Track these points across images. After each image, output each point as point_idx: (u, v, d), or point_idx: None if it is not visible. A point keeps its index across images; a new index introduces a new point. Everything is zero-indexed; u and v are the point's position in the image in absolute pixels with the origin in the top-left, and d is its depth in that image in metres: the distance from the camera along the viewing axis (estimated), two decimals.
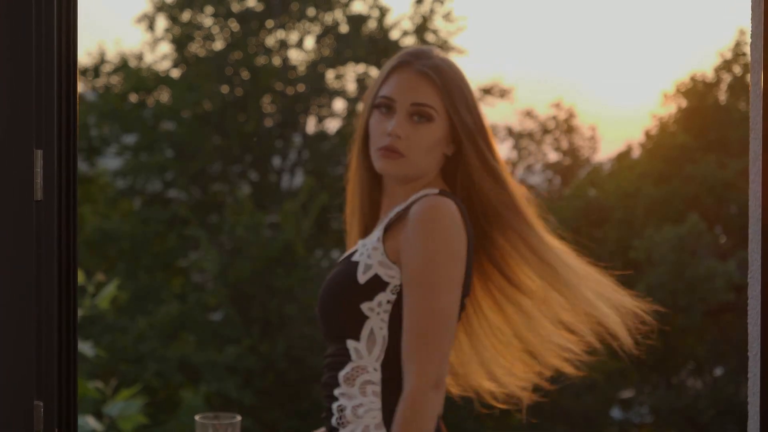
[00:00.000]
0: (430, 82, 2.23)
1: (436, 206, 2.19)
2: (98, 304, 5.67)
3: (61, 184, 1.93)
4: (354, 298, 2.22)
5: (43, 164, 1.90)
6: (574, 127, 24.10)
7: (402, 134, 2.22)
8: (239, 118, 20.61)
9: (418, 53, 2.27)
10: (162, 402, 17.66)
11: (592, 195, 20.93)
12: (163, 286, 19.19)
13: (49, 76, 1.89)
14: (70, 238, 1.91)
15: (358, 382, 2.23)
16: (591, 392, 19.39)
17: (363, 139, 2.30)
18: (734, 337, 19.11)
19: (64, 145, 1.91)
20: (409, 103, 2.23)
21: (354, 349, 2.25)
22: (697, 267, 17.94)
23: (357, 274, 2.22)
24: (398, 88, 2.24)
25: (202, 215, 20.16)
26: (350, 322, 2.23)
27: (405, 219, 2.23)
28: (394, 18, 21.32)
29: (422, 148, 2.25)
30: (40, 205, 1.91)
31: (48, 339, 1.82)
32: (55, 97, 1.90)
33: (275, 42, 21.00)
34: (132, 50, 21.81)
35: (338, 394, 2.25)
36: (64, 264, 1.92)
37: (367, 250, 2.25)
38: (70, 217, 1.90)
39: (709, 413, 18.66)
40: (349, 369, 2.25)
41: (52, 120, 1.89)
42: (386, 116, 2.25)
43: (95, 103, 20.70)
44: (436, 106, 2.23)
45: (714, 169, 19.20)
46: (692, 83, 20.76)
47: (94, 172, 21.12)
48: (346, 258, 2.30)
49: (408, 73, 2.25)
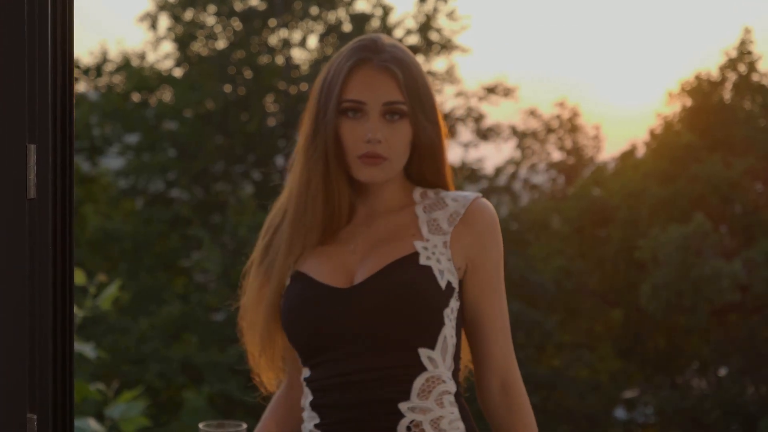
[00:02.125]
0: (394, 78, 2.16)
1: (494, 212, 2.24)
2: (100, 305, 5.63)
3: (56, 181, 1.80)
4: (437, 305, 2.12)
5: (36, 160, 1.79)
6: (578, 127, 24.11)
7: (381, 138, 2.15)
8: (242, 118, 20.64)
9: (373, 47, 2.19)
10: (164, 403, 17.65)
11: (597, 194, 20.90)
12: (166, 286, 19.22)
13: (43, 66, 1.77)
14: (66, 239, 1.78)
15: (435, 393, 2.13)
16: (595, 392, 19.41)
17: (335, 147, 2.17)
18: (739, 337, 19.09)
19: (59, 139, 1.78)
20: (381, 103, 2.16)
21: (428, 358, 2.13)
22: (703, 267, 17.90)
23: (438, 280, 2.14)
24: (366, 89, 2.16)
25: (205, 215, 20.20)
26: (429, 330, 2.13)
27: (464, 223, 2.21)
28: (397, 17, 21.39)
29: (402, 146, 2.18)
30: (34, 203, 1.79)
31: (42, 347, 1.70)
32: (49, 87, 1.78)
33: (278, 41, 21.03)
34: (134, 49, 21.91)
35: (406, 410, 2.12)
36: (60, 267, 1.79)
37: (435, 254, 2.17)
38: (66, 216, 1.77)
39: (715, 414, 18.63)
40: (423, 380, 2.12)
41: (47, 112, 1.76)
42: (358, 121, 2.16)
43: (97, 102, 20.75)
44: (404, 100, 2.16)
45: (719, 169, 19.17)
46: (697, 82, 20.73)
47: (96, 171, 21.16)
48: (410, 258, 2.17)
49: (371, 70, 2.17)
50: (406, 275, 2.13)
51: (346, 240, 2.22)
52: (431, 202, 2.25)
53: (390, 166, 2.18)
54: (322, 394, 2.15)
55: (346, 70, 2.18)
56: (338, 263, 2.18)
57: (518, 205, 22.89)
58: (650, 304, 18.38)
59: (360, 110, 2.16)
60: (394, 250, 2.17)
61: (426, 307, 2.11)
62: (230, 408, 17.28)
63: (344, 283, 2.16)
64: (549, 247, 20.47)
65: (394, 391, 2.11)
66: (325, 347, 2.13)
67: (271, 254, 2.25)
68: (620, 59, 32.69)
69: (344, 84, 2.17)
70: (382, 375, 2.12)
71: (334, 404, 2.14)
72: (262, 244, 2.29)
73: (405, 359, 2.12)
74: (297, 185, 2.23)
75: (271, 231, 2.29)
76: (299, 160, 2.23)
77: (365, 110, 2.16)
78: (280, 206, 2.31)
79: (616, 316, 20.54)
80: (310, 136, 2.21)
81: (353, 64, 2.18)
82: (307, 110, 2.25)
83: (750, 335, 18.99)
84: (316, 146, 2.19)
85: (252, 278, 2.27)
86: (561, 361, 20.07)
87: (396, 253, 2.17)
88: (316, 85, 2.23)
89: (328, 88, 2.19)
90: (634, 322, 20.22)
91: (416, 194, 2.25)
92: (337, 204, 2.20)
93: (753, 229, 19.19)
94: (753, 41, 20.66)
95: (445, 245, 2.18)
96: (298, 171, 2.23)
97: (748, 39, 20.67)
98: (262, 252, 2.27)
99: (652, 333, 20.23)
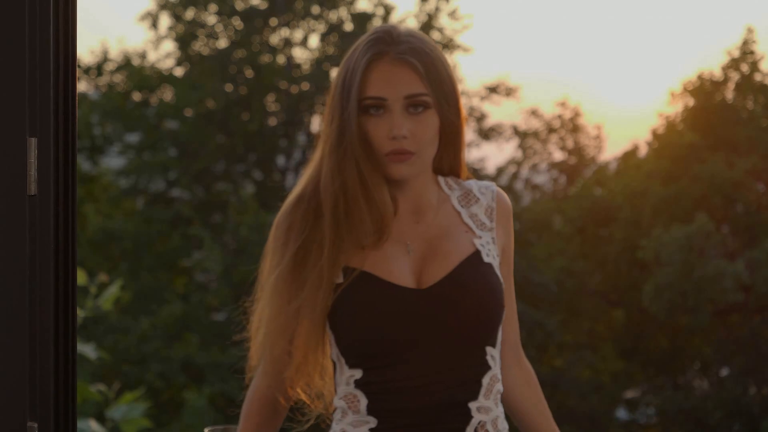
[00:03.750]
0: (413, 69, 2.11)
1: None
2: (101, 305, 5.63)
3: (58, 177, 1.71)
4: (502, 302, 2.16)
5: (37, 154, 1.70)
6: (580, 126, 24.07)
7: (407, 133, 2.11)
8: (243, 117, 20.65)
9: (389, 39, 2.13)
10: (165, 403, 17.64)
11: (598, 194, 20.87)
12: (167, 286, 19.25)
13: (45, 56, 1.69)
14: (69, 237, 1.68)
15: (494, 392, 2.14)
16: (597, 392, 19.40)
17: (363, 148, 2.12)
18: (741, 338, 19.07)
19: (61, 132, 1.68)
20: (402, 97, 2.11)
21: (491, 356, 2.14)
22: (705, 267, 17.86)
23: (499, 277, 2.17)
24: (386, 84, 2.11)
25: (206, 215, 20.22)
26: (496, 328, 2.15)
27: (498, 216, 2.25)
28: (399, 16, 21.36)
29: (428, 138, 2.14)
30: (35, 200, 1.70)
31: (43, 354, 1.61)
32: (51, 79, 1.69)
33: (279, 40, 21.03)
34: (135, 48, 21.93)
35: (475, 410, 2.11)
36: (62, 267, 1.71)
37: (491, 251, 2.20)
38: (68, 213, 1.68)
39: (717, 414, 18.61)
40: (488, 379, 2.13)
41: (48, 104, 1.67)
42: (381, 117, 2.11)
43: (98, 101, 20.78)
44: (427, 91, 2.12)
45: (722, 169, 19.13)
46: (699, 82, 20.68)
47: (97, 171, 21.19)
48: (475, 257, 2.17)
49: (389, 64, 2.11)
50: (479, 275, 2.13)
51: (397, 238, 2.17)
52: (461, 194, 2.26)
53: (419, 161, 2.14)
54: (382, 397, 2.09)
55: (363, 66, 2.12)
56: (400, 263, 2.14)
57: (520, 205, 22.84)
58: (653, 304, 18.34)
59: (382, 106, 2.11)
60: (457, 249, 2.16)
61: (497, 305, 2.13)
62: (231, 408, 17.25)
63: (412, 283, 2.12)
64: (551, 247, 20.43)
65: (466, 391, 2.10)
66: (390, 348, 2.08)
67: (310, 259, 2.14)
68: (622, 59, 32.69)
69: (363, 81, 2.11)
70: (454, 376, 2.10)
71: (398, 408, 2.09)
72: (293, 249, 2.15)
73: (474, 359, 2.12)
74: (332, 189, 2.14)
75: (300, 235, 2.16)
76: (329, 164, 2.15)
77: (387, 106, 2.11)
78: (301, 213, 2.17)
79: (617, 317, 20.51)
80: (335, 138, 2.14)
81: (370, 59, 2.12)
82: (327, 109, 2.18)
83: (752, 335, 18.97)
84: (345, 149, 2.13)
85: (283, 285, 2.14)
86: (563, 361, 20.05)
87: (460, 252, 2.16)
88: (335, 83, 2.16)
89: (347, 85, 2.13)
90: (636, 323, 20.20)
91: (443, 184, 2.25)
92: (380, 202, 2.14)
93: (756, 229, 19.16)
94: (756, 41, 20.61)
95: (493, 241, 2.21)
96: (329, 175, 2.14)
97: (750, 38, 20.62)
98: (294, 256, 2.14)
99: (654, 333, 20.21)
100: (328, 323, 2.12)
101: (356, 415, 2.12)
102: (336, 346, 2.13)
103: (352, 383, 2.12)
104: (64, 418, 1.65)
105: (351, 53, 2.16)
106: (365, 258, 2.12)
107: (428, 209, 2.20)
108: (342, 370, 2.13)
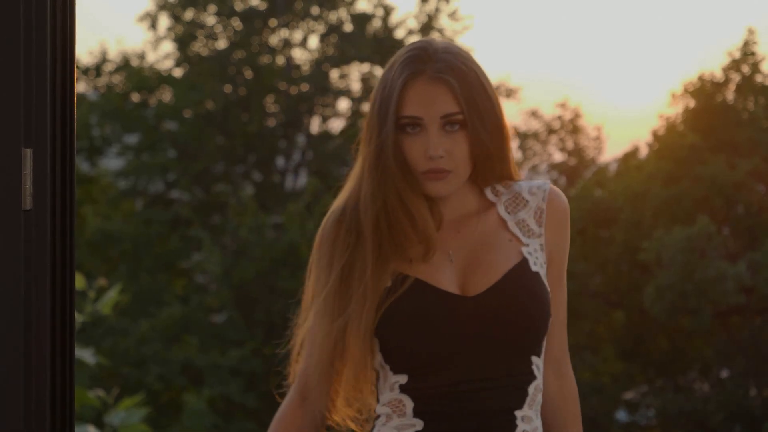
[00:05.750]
0: (449, 88, 2.12)
1: (566, 199, 2.26)
2: (100, 309, 5.58)
3: (55, 190, 1.63)
4: (549, 311, 2.17)
5: (33, 166, 1.62)
6: (580, 128, 24.04)
7: (443, 152, 2.13)
8: (242, 118, 20.66)
9: (425, 56, 2.13)
10: (165, 406, 17.63)
11: (599, 196, 20.83)
12: (166, 287, 19.25)
13: (41, 60, 1.61)
14: (67, 254, 1.60)
15: (537, 402, 2.15)
16: (597, 394, 19.37)
17: (400, 166, 2.15)
18: (742, 339, 19.04)
19: (59, 142, 1.60)
20: (439, 117, 2.13)
21: (536, 366, 2.16)
22: (707, 269, 17.82)
23: (546, 286, 2.19)
24: (422, 104, 2.12)
25: (205, 216, 20.24)
26: (542, 337, 2.17)
27: (548, 218, 2.23)
28: (399, 17, 21.38)
29: (465, 155, 2.15)
30: (30, 215, 1.62)
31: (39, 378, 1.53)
32: (48, 87, 1.61)
33: (279, 41, 21.03)
34: (134, 49, 21.89)
35: (519, 419, 2.13)
36: (59, 284, 1.62)
37: (539, 259, 2.21)
38: (66, 229, 1.59)
39: (717, 416, 18.58)
40: (533, 388, 2.15)
41: (45, 113, 1.59)
42: (417, 136, 2.13)
43: (97, 102, 20.78)
44: (462, 109, 2.13)
45: (723, 170, 19.09)
46: (700, 83, 20.63)
47: (96, 172, 21.19)
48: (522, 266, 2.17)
49: (425, 83, 2.13)
50: (527, 284, 2.15)
51: (440, 248, 2.18)
52: (508, 198, 2.25)
53: (455, 178, 2.15)
54: (429, 401, 2.12)
55: (400, 85, 2.13)
56: (446, 272, 2.16)
57: None
58: (654, 306, 18.29)
59: (418, 125, 2.13)
60: (502, 258, 2.18)
61: (545, 315, 2.15)
62: (231, 410, 17.25)
63: (457, 291, 2.14)
64: None
65: (512, 399, 2.12)
66: (439, 354, 2.11)
67: (355, 275, 2.16)
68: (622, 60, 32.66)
69: (399, 100, 2.13)
70: (501, 384, 2.12)
71: (445, 413, 2.11)
72: (338, 267, 2.17)
73: (520, 368, 2.13)
74: (372, 208, 2.16)
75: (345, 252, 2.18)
76: (369, 184, 2.17)
77: (423, 125, 2.13)
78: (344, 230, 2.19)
79: (618, 318, 20.47)
80: (374, 157, 2.16)
81: (407, 78, 2.13)
82: (365, 127, 2.19)
83: (754, 337, 18.94)
84: (384, 168, 2.15)
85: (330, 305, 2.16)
86: None
87: (507, 260, 2.18)
88: (372, 101, 2.18)
89: (384, 104, 2.14)
90: (637, 324, 20.16)
91: (489, 193, 2.24)
92: (419, 220, 2.16)
93: (757, 230, 19.11)
94: (756, 42, 20.55)
95: (541, 248, 2.21)
96: (370, 194, 2.16)
97: (751, 40, 20.57)
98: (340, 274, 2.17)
99: (655, 335, 20.18)
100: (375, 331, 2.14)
101: (402, 419, 2.13)
102: (380, 353, 2.14)
103: (397, 388, 2.14)
104: (62, 424, 1.57)
105: (388, 70, 2.18)
106: (413, 268, 2.14)
107: (469, 218, 2.22)
108: (386, 377, 2.15)
